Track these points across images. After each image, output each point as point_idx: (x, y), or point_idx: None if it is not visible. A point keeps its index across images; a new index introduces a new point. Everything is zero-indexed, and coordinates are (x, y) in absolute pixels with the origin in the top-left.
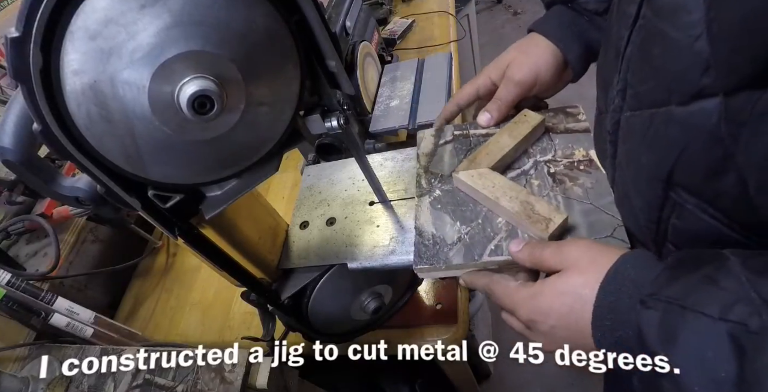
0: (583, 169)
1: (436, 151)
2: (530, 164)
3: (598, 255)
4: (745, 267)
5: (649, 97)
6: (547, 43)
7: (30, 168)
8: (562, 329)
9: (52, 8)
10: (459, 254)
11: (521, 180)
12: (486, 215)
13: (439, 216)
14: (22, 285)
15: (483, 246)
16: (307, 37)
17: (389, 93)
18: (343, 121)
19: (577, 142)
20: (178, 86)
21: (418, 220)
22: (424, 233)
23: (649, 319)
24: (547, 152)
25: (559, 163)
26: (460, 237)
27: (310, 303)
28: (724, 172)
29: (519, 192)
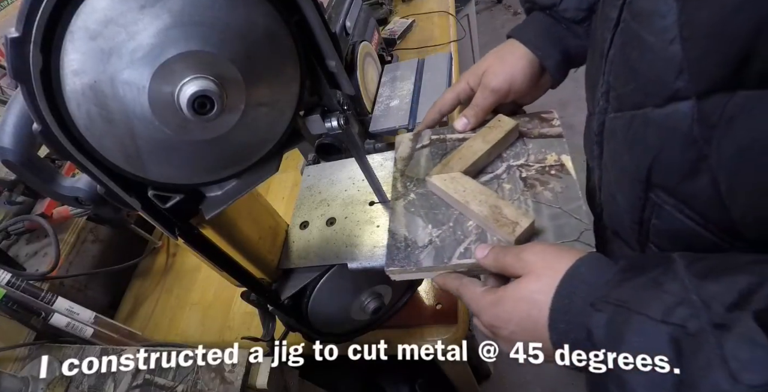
0: (554, 173)
1: (413, 155)
2: (503, 168)
3: (555, 259)
4: (689, 271)
5: (629, 99)
6: (523, 50)
7: (30, 168)
8: (522, 334)
9: (52, 8)
10: (429, 257)
11: (494, 184)
12: (457, 218)
13: (413, 219)
14: (22, 285)
15: (453, 249)
16: (307, 37)
17: (389, 93)
18: (343, 121)
19: (550, 147)
20: (178, 86)
21: (392, 223)
22: (397, 235)
23: (597, 321)
24: (520, 157)
25: (531, 168)
26: (431, 240)
27: (310, 303)
28: (698, 173)
29: (489, 196)
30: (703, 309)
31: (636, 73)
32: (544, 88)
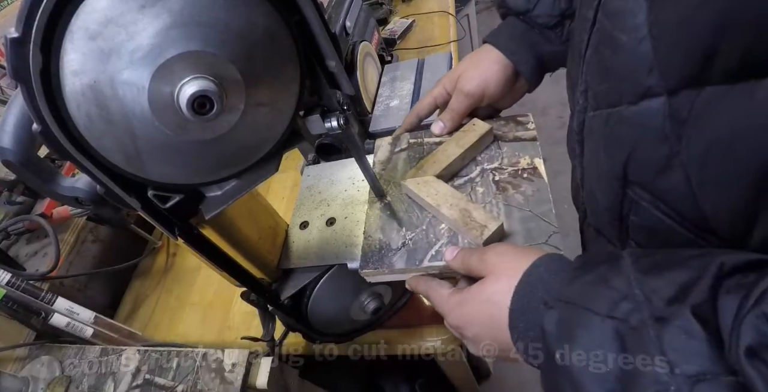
0: (527, 177)
1: (391, 159)
2: (477, 172)
3: (515, 259)
4: (635, 267)
5: (604, 97)
6: (497, 55)
7: (30, 168)
8: (485, 335)
9: (52, 9)
10: (402, 259)
11: (467, 187)
12: (430, 222)
13: (388, 222)
14: (22, 285)
15: (425, 251)
16: (307, 38)
17: (389, 93)
18: (343, 122)
19: (523, 150)
20: (177, 86)
21: (367, 225)
22: (371, 238)
23: (549, 318)
24: (494, 160)
25: (504, 171)
26: (404, 242)
27: (310, 303)
28: (671, 168)
29: (459, 199)
30: (645, 304)
31: (609, 72)
32: (521, 93)
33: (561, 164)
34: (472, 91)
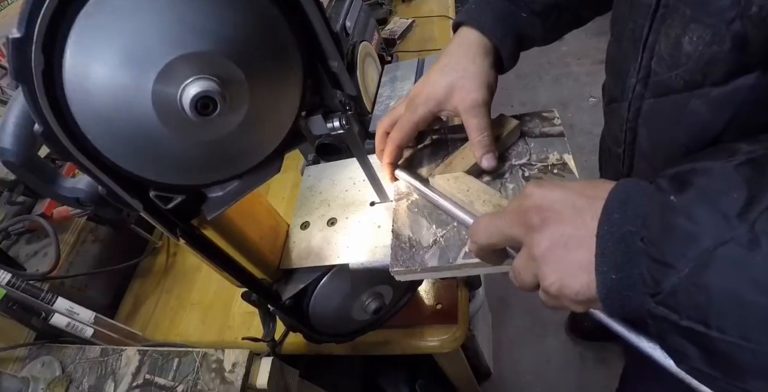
0: (557, 172)
1: (414, 155)
2: (505, 168)
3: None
4: None
5: (679, 82)
6: (484, 43)
7: (30, 169)
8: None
9: (54, 9)
10: (434, 257)
11: (496, 184)
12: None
13: (416, 219)
14: (22, 285)
15: (458, 248)
16: (309, 38)
17: (389, 93)
18: (345, 122)
19: (551, 146)
20: (180, 87)
21: (396, 224)
22: (401, 236)
23: (660, 179)
24: (522, 156)
25: (534, 167)
26: (435, 240)
27: (311, 303)
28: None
29: (492, 195)
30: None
31: (689, 56)
32: None
33: None
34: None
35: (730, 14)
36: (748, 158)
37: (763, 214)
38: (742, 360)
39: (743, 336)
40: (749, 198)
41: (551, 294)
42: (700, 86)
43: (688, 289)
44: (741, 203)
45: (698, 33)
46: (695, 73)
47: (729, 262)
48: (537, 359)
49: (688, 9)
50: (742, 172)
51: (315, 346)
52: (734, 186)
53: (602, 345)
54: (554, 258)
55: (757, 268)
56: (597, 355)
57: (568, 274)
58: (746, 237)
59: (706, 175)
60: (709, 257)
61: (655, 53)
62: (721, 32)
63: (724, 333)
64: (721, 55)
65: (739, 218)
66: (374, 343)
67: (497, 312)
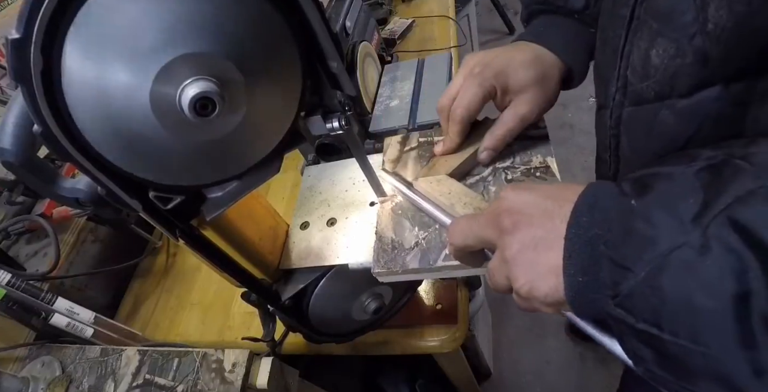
0: (540, 175)
1: (401, 158)
2: (489, 171)
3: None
4: None
5: (650, 92)
6: (553, 60)
7: (30, 169)
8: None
9: (53, 10)
10: (415, 259)
11: (479, 186)
12: None
13: (400, 221)
14: (22, 285)
15: (438, 251)
16: (308, 38)
17: (389, 93)
18: (344, 122)
19: (535, 149)
20: (179, 88)
21: (379, 226)
22: (384, 238)
23: (624, 182)
24: (506, 159)
25: (517, 170)
26: (417, 242)
27: (310, 303)
28: None
29: (473, 198)
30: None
31: (657, 68)
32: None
33: (563, 163)
34: (528, 117)
35: (691, 30)
36: (708, 164)
37: (715, 219)
38: (692, 364)
39: (693, 340)
40: (704, 204)
41: (522, 296)
42: (668, 97)
43: (643, 292)
44: (696, 208)
45: (664, 46)
46: (663, 85)
47: (681, 266)
48: (537, 359)
49: (654, 23)
50: (700, 178)
51: (315, 346)
52: (691, 191)
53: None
54: (524, 261)
55: (707, 273)
56: (597, 355)
57: (538, 277)
58: (698, 241)
59: (666, 179)
60: (664, 261)
61: (630, 63)
62: (683, 47)
63: (675, 337)
64: (685, 68)
65: (693, 223)
66: (374, 343)
67: (497, 312)
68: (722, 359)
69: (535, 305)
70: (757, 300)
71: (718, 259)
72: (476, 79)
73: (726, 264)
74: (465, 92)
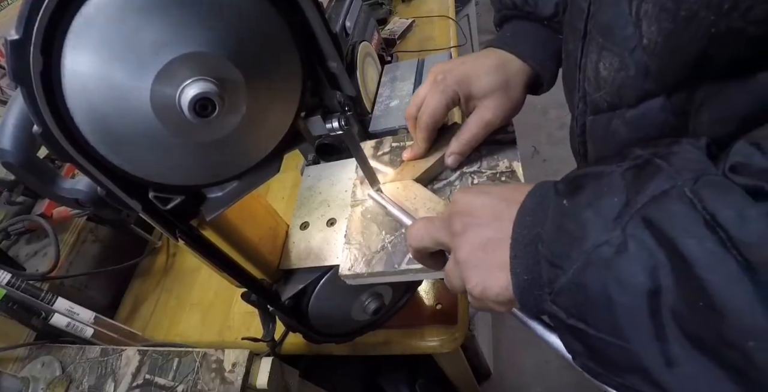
0: (505, 179)
1: (374, 163)
2: (456, 175)
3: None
4: None
5: (603, 102)
6: (520, 66)
7: (30, 170)
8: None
9: (53, 10)
10: (381, 262)
11: (446, 190)
12: None
13: (368, 225)
14: (22, 285)
15: (403, 254)
16: (308, 38)
17: (389, 93)
18: (344, 122)
19: (502, 154)
20: (179, 88)
21: (349, 229)
22: (352, 241)
23: (560, 182)
24: (473, 163)
25: (483, 174)
26: (383, 245)
27: (310, 303)
28: None
29: (437, 203)
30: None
31: (606, 80)
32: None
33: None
34: (493, 122)
35: (630, 44)
36: (635, 164)
37: (633, 218)
38: (616, 357)
39: (614, 334)
40: (626, 203)
41: (475, 297)
42: (618, 108)
43: (570, 289)
44: (618, 207)
45: (609, 59)
46: (613, 96)
47: (601, 264)
48: (537, 359)
49: (600, 37)
50: (625, 177)
51: (315, 346)
52: (617, 190)
53: None
54: (475, 262)
55: (623, 270)
56: None
57: (488, 276)
58: (618, 240)
59: (596, 179)
60: (587, 258)
61: (586, 75)
62: (625, 60)
63: (599, 331)
64: (629, 80)
65: (615, 221)
66: (374, 343)
67: (497, 313)
68: (639, 352)
69: (488, 305)
70: (666, 296)
71: (633, 257)
72: (439, 86)
73: (640, 262)
74: (430, 100)
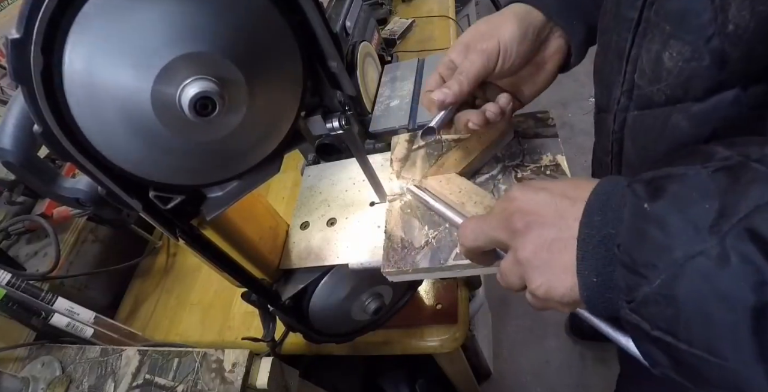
0: (550, 173)
1: (409, 156)
2: (498, 169)
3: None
4: None
5: (661, 96)
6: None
7: (30, 169)
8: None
9: (53, 10)
10: (426, 258)
11: (489, 184)
12: None
13: (409, 220)
14: (22, 285)
15: (449, 250)
16: (308, 38)
17: (389, 93)
18: (344, 122)
19: (545, 147)
20: (180, 88)
21: (388, 225)
22: (393, 237)
23: (636, 184)
24: (516, 157)
25: (527, 168)
26: (427, 241)
27: (310, 303)
28: None
29: (483, 197)
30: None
31: (670, 71)
32: (548, 76)
33: None
34: (487, 48)
35: (708, 31)
36: (724, 165)
37: (733, 228)
38: (708, 373)
39: (709, 351)
40: (721, 211)
41: (539, 297)
42: (681, 101)
43: (657, 301)
44: (713, 215)
45: (678, 49)
46: (676, 88)
47: (698, 276)
48: (537, 359)
49: (667, 25)
50: (716, 181)
51: (315, 346)
52: (707, 195)
53: (602, 346)
54: (539, 262)
55: (724, 284)
56: (597, 355)
57: (554, 277)
58: (716, 251)
59: (680, 181)
60: (679, 269)
61: (638, 67)
62: (699, 49)
63: (691, 346)
64: (701, 71)
65: (710, 231)
66: (374, 343)
67: (497, 312)
68: (739, 371)
69: (552, 305)
70: None
71: (736, 270)
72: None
73: (744, 276)
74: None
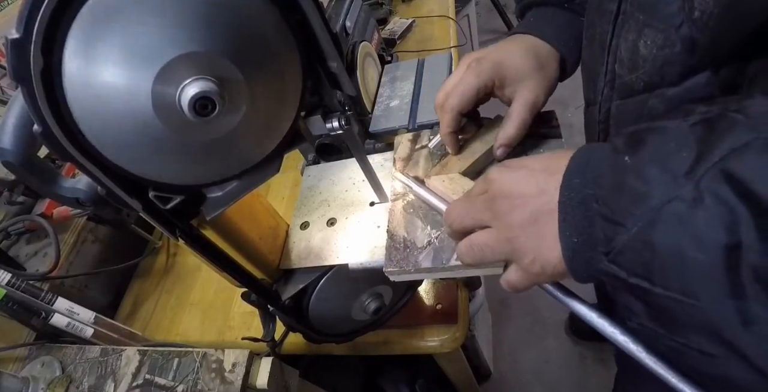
0: None
1: (412, 156)
2: None
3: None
4: None
5: (639, 83)
6: (548, 50)
7: (30, 169)
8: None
9: (53, 10)
10: (428, 258)
11: None
12: None
13: (411, 220)
14: (22, 285)
15: (452, 250)
16: (308, 38)
17: (389, 93)
18: (344, 122)
19: (548, 147)
20: (179, 87)
21: (391, 224)
22: (396, 236)
23: (617, 138)
24: (519, 156)
25: None
26: (429, 241)
27: (310, 303)
28: None
29: None
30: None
31: (645, 59)
32: None
33: None
34: (537, 102)
35: (677, 19)
36: (703, 118)
37: (708, 172)
38: (682, 316)
39: (683, 292)
40: (698, 157)
41: (533, 273)
42: (658, 87)
43: (635, 247)
44: (690, 161)
45: (651, 37)
46: (653, 75)
47: (673, 220)
48: (537, 359)
49: (641, 15)
50: (695, 131)
51: (315, 346)
52: (685, 145)
53: (602, 346)
54: (529, 236)
55: (699, 225)
56: (597, 355)
57: (544, 248)
58: (691, 194)
59: (660, 134)
60: (655, 215)
61: (618, 57)
62: (671, 36)
63: (666, 290)
64: (673, 57)
65: (686, 176)
66: (374, 343)
67: (497, 312)
68: (711, 310)
69: (542, 279)
70: (747, 252)
71: (710, 211)
72: (473, 71)
73: (717, 217)
74: (460, 83)
